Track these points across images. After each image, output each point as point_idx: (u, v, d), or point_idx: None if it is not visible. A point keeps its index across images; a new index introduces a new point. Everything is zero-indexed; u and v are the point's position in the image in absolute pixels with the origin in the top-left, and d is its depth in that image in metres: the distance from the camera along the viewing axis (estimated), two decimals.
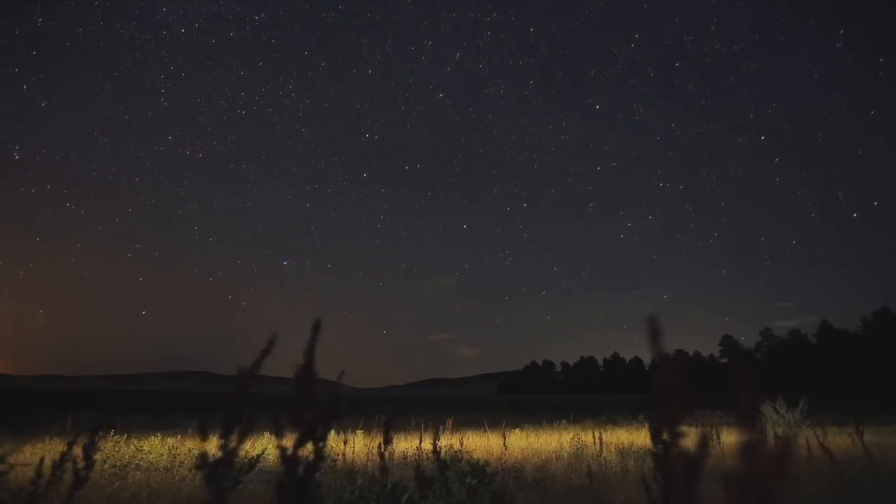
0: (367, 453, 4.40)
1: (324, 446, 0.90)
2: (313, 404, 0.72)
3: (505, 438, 4.61)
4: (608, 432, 8.33)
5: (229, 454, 0.62)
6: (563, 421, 10.61)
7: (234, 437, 0.63)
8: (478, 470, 2.40)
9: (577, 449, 4.36)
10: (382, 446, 1.77)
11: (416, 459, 3.44)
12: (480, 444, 5.85)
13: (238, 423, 0.65)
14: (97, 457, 3.25)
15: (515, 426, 8.96)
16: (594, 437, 4.85)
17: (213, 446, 0.68)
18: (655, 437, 0.56)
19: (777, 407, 10.79)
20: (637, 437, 6.86)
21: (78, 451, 1.37)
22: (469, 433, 7.81)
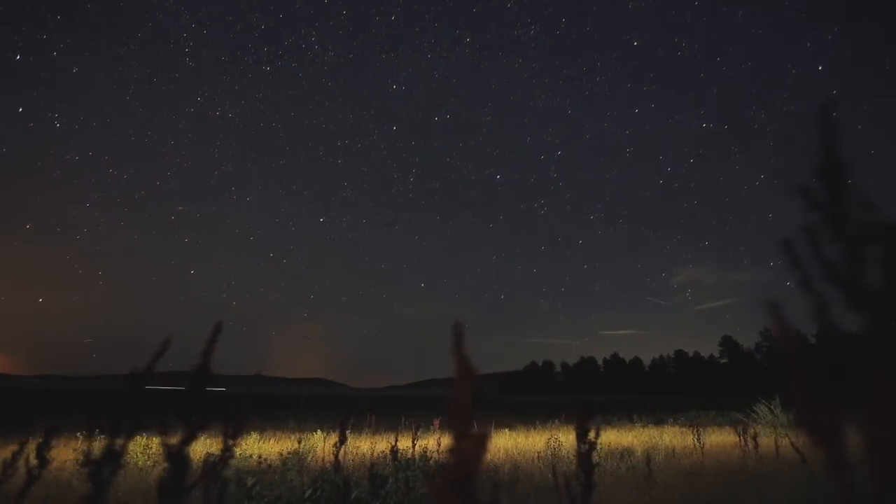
0: (347, 453, 4.44)
1: (234, 444, 0.93)
2: (205, 404, 0.74)
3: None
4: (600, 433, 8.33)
5: (114, 454, 0.65)
6: (556, 421, 10.62)
7: (120, 438, 0.66)
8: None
9: (554, 449, 4.40)
10: (337, 445, 1.80)
11: (387, 459, 3.45)
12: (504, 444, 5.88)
13: (126, 423, 0.67)
14: (73, 457, 3.28)
15: (507, 426, 8.98)
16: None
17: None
18: (455, 440, 0.59)
19: (772, 408, 10.80)
20: (624, 438, 6.89)
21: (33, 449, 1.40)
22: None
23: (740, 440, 4.19)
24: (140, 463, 3.53)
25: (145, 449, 3.83)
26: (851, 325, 0.30)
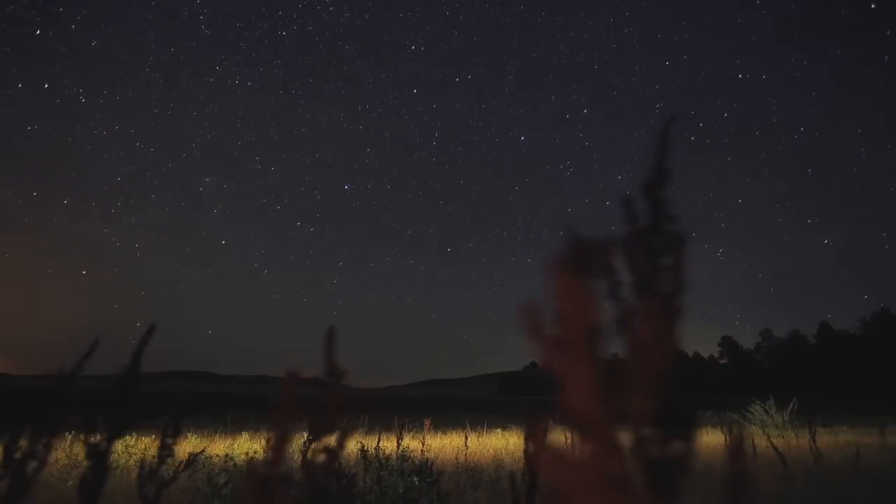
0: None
1: (173, 443, 0.94)
2: (134, 404, 0.76)
3: (466, 438, 4.68)
4: None
5: (34, 454, 0.67)
6: (550, 421, 10.64)
7: (43, 438, 0.68)
8: (423, 469, 2.45)
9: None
10: (305, 445, 1.82)
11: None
12: (458, 444, 5.90)
13: (51, 423, 0.69)
14: (54, 455, 3.31)
15: (500, 426, 9.01)
16: (566, 437, 4.94)
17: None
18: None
19: (767, 408, 10.79)
20: None
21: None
22: (453, 433, 7.87)
23: (727, 440, 4.22)
24: (122, 462, 3.57)
25: (127, 448, 3.87)
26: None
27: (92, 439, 0.75)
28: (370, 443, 5.38)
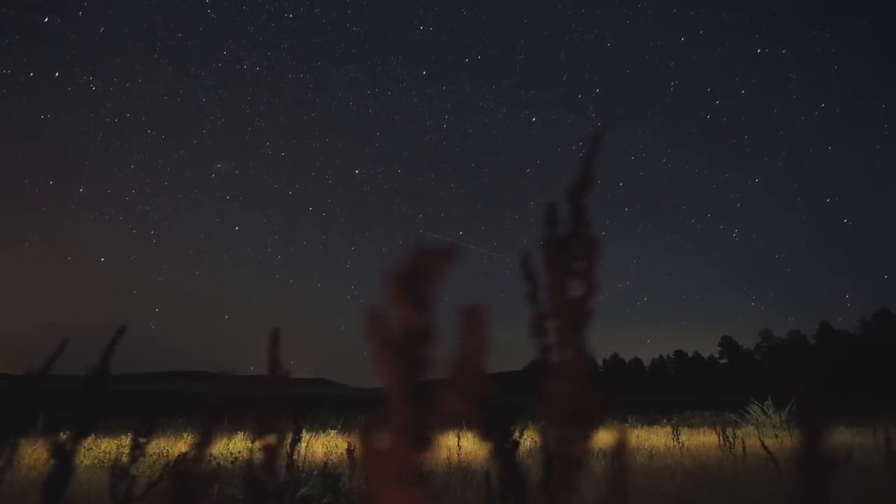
0: (326, 453, 4.51)
1: (146, 442, 0.95)
2: (102, 405, 0.77)
3: (459, 438, 4.70)
4: None
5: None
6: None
7: (10, 438, 0.69)
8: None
9: (531, 449, 4.50)
10: (291, 445, 1.83)
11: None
12: (453, 444, 5.93)
13: (22, 424, 0.71)
14: (41, 455, 3.34)
15: None
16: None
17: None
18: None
19: (765, 408, 10.78)
20: (609, 437, 6.93)
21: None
22: (449, 433, 7.89)
23: (720, 440, 4.26)
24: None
25: (119, 447, 3.89)
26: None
27: (57, 439, 0.76)
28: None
